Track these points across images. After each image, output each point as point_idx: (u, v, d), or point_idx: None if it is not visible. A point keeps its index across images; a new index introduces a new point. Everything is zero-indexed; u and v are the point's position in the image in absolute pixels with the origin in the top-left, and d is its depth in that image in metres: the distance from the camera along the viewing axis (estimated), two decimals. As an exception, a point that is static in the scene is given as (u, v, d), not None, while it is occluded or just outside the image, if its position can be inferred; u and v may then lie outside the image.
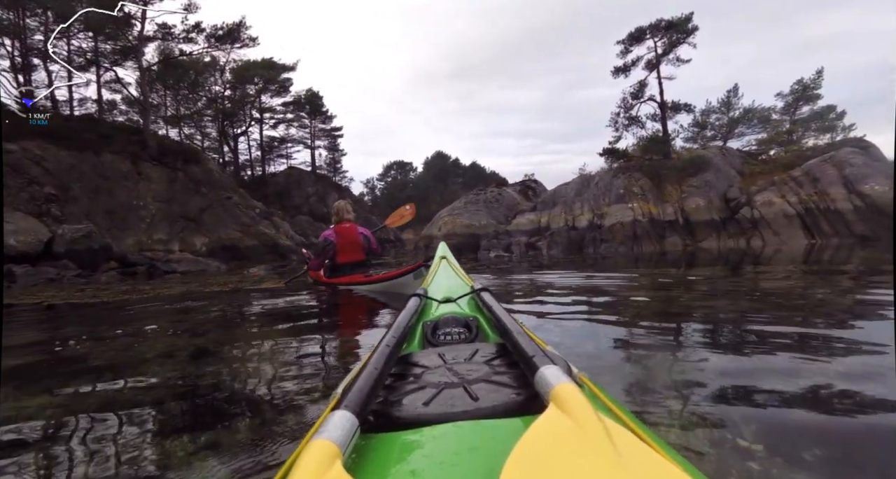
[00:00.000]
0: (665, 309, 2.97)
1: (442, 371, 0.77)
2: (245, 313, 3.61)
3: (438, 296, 1.41)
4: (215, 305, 4.16)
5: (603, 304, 3.30)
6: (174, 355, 2.12)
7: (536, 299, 3.62)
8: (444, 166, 62.07)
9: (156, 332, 2.80)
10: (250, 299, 4.49)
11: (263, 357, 2.05)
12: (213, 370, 1.81)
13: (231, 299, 4.52)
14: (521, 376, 0.69)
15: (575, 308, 3.03)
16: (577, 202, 17.34)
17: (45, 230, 12.29)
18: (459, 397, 0.64)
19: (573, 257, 12.11)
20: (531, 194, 22.14)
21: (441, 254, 2.28)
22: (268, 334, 2.61)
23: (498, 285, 4.76)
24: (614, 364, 1.66)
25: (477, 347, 0.90)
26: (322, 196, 30.82)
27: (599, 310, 2.95)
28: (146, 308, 4.12)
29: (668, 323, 2.47)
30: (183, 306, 4.15)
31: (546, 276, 5.94)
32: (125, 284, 8.07)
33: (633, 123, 18.41)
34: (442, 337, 1.09)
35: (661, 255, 11.90)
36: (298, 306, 3.75)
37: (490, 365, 0.78)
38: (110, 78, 21.70)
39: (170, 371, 1.82)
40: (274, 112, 32.72)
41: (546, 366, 0.58)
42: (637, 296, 3.71)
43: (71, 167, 14.25)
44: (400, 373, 0.80)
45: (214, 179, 17.85)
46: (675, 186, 15.55)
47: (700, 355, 1.72)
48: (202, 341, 2.44)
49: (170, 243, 15.25)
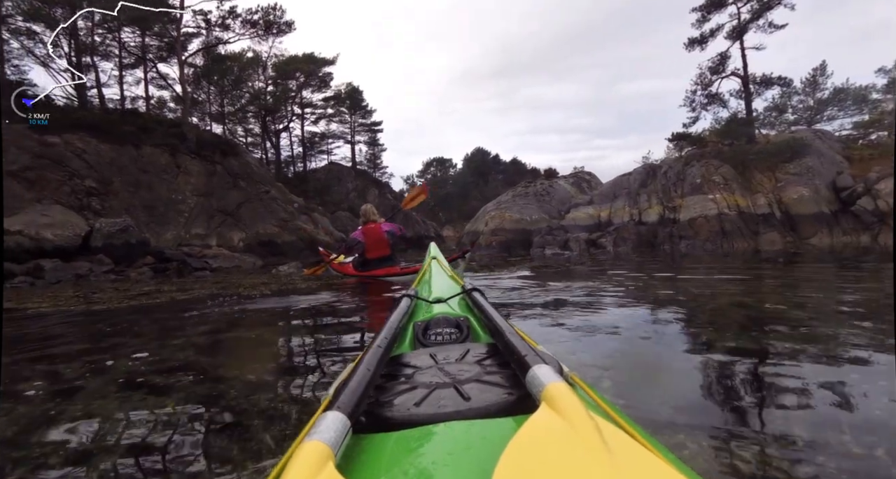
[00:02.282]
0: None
1: (433, 371, 0.75)
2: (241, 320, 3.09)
3: (429, 296, 1.40)
4: (213, 317, 3.28)
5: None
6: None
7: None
8: (484, 162, 60.73)
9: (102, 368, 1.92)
10: (260, 304, 3.98)
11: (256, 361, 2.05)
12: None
13: (239, 305, 3.83)
14: (512, 376, 0.68)
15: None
16: (643, 194, 15.43)
17: (83, 224, 11.87)
18: (451, 397, 0.63)
19: (646, 255, 10.41)
20: (585, 187, 20.29)
21: (432, 255, 2.27)
22: (261, 340, 2.55)
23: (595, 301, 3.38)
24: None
25: (468, 347, 0.88)
26: (362, 192, 30.14)
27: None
28: (138, 322, 3.34)
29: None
30: (179, 323, 3.22)
31: (650, 281, 4.49)
32: (151, 283, 7.46)
33: (712, 102, 16.12)
34: (433, 337, 1.07)
35: (754, 253, 9.99)
36: (308, 309, 3.52)
37: (481, 365, 0.76)
38: (155, 74, 21.69)
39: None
40: (315, 107, 32.34)
41: (537, 365, 0.57)
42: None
43: (111, 161, 13.89)
44: (391, 374, 0.78)
45: (253, 172, 17.24)
46: (768, 175, 13.35)
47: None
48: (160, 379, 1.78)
49: (207, 238, 14.67)
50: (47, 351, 2.37)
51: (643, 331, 2.21)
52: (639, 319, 2.57)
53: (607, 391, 1.39)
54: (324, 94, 31.92)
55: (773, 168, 13.43)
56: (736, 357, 1.68)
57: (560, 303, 3.18)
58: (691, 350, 1.87)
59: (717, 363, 1.64)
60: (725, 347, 1.84)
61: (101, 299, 4.75)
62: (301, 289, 5.08)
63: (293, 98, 30.83)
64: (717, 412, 1.24)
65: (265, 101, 28.99)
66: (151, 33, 20.07)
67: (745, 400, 1.31)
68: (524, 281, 4.91)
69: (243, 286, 5.46)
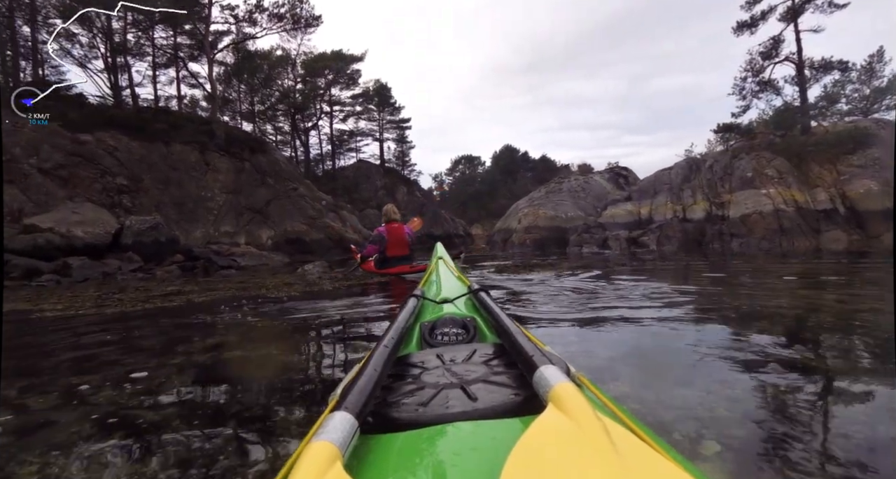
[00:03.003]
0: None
1: (440, 372, 0.74)
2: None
3: (436, 297, 1.37)
4: (225, 326, 2.86)
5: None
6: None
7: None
8: (512, 160, 59.89)
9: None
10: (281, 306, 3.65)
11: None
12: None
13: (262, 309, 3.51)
14: (519, 377, 0.68)
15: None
16: (687, 190, 14.46)
17: (114, 222, 11.90)
18: (458, 397, 0.63)
19: (696, 254, 9.58)
20: (622, 182, 19.35)
21: (438, 255, 2.19)
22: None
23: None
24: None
25: (475, 347, 0.87)
26: (391, 190, 29.91)
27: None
28: (144, 330, 2.94)
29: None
30: (187, 333, 2.81)
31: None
32: (176, 282, 7.33)
33: (764, 89, 14.91)
34: (440, 338, 1.05)
35: (815, 252, 9.04)
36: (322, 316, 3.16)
37: (488, 365, 0.76)
38: (187, 73, 21.92)
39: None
40: (343, 105, 32.31)
41: (544, 366, 0.57)
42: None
43: (142, 158, 13.95)
44: (398, 374, 0.77)
45: (281, 169, 17.12)
46: (828, 167, 12.20)
47: None
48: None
49: (236, 236, 14.59)
50: (28, 367, 1.98)
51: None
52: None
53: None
54: (352, 91, 31.91)
55: (834, 160, 12.25)
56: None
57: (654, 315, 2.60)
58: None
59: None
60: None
61: (117, 302, 4.45)
62: (327, 292, 4.66)
63: (322, 96, 30.87)
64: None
65: (294, 99, 29.11)
66: (182, 32, 20.29)
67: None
68: (588, 282, 4.34)
69: (265, 288, 5.08)
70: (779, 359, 1.66)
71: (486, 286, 1.31)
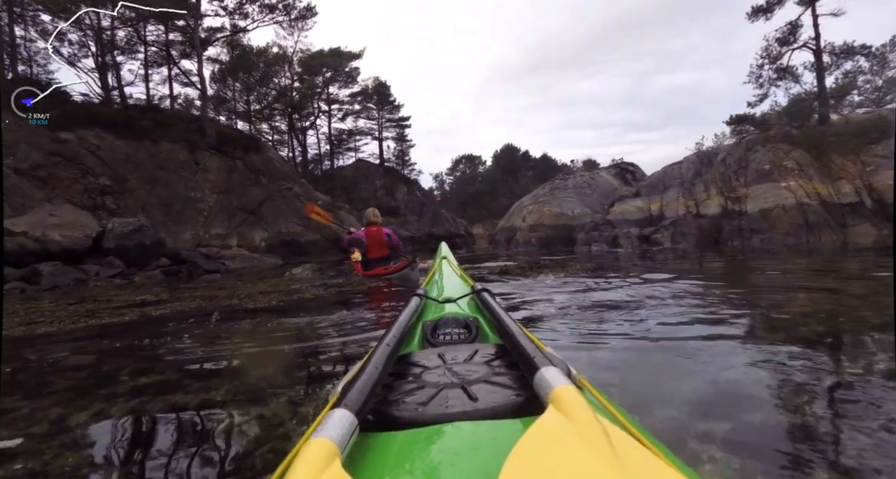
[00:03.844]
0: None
1: (441, 371, 0.74)
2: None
3: (439, 296, 1.36)
4: (173, 354, 2.25)
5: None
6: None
7: None
8: (513, 159, 59.32)
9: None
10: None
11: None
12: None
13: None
14: (520, 378, 0.67)
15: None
16: (699, 184, 13.77)
17: (94, 224, 11.25)
18: (458, 397, 0.62)
19: (714, 252, 8.90)
20: (630, 178, 18.66)
21: (442, 254, 2.21)
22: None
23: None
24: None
25: (476, 347, 0.86)
26: (390, 189, 29.23)
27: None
28: (64, 363, 2.26)
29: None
30: (119, 365, 2.18)
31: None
32: (154, 288, 6.66)
33: (783, 77, 14.19)
34: (441, 337, 1.04)
35: (842, 247, 8.35)
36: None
37: (489, 366, 0.75)
38: (179, 71, 21.27)
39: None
40: (341, 103, 31.64)
41: (546, 368, 0.56)
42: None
43: (127, 157, 13.31)
44: (399, 373, 0.76)
45: (275, 168, 16.47)
46: (851, 158, 11.48)
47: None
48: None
49: (228, 238, 13.94)
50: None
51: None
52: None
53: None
54: (351, 89, 31.20)
55: (857, 151, 11.54)
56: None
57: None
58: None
59: None
60: None
61: (59, 317, 3.77)
62: (308, 300, 4.01)
63: (319, 94, 30.19)
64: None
65: (291, 97, 28.43)
66: (174, 28, 19.66)
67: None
68: (609, 287, 3.67)
69: (238, 296, 4.41)
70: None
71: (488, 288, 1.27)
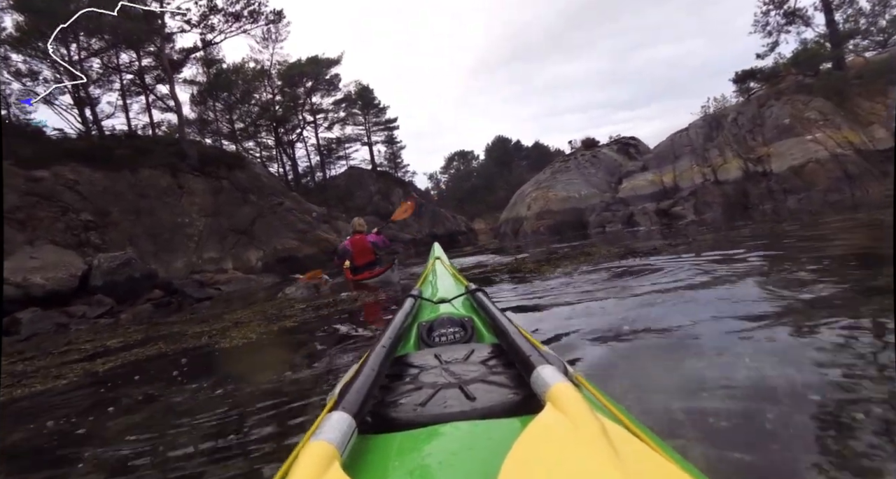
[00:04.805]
0: None
1: (438, 372, 0.73)
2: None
3: (433, 297, 1.37)
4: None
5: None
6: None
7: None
8: (506, 150, 58.73)
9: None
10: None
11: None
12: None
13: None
14: (517, 377, 0.66)
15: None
16: (712, 149, 12.90)
17: (79, 263, 10.54)
18: (456, 397, 0.62)
19: (745, 219, 8.07)
20: (634, 152, 17.78)
21: (435, 255, 2.21)
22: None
23: None
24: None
25: (473, 347, 0.85)
26: (386, 193, 28.47)
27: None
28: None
29: None
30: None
31: None
32: (137, 327, 5.90)
33: (792, 21, 13.26)
34: (437, 338, 1.03)
35: (886, 198, 7.50)
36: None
37: (486, 365, 0.74)
38: (156, 97, 20.61)
39: None
40: (326, 112, 30.95)
41: (542, 366, 0.56)
42: None
43: (105, 189, 12.60)
44: (396, 374, 0.76)
45: (263, 184, 15.74)
46: (879, 100, 10.59)
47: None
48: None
49: (222, 262, 13.22)
50: None
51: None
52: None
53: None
54: (334, 97, 30.53)
55: (883, 92, 10.67)
56: None
57: None
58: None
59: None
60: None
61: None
62: (289, 332, 3.24)
63: (303, 105, 29.50)
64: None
65: (274, 112, 27.75)
66: (146, 53, 19.02)
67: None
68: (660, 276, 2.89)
69: (210, 335, 3.63)
70: None
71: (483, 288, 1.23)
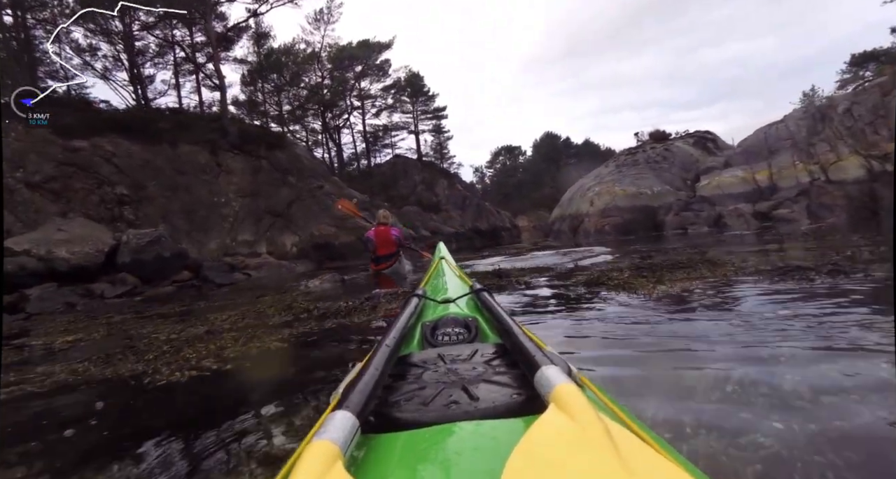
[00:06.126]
0: None
1: (442, 371, 0.73)
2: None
3: (437, 296, 1.36)
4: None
5: None
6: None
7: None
8: (554, 147, 56.45)
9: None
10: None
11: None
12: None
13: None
14: (520, 377, 0.66)
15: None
16: (820, 144, 10.82)
17: (108, 238, 9.99)
18: (459, 397, 0.62)
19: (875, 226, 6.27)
20: (712, 147, 15.70)
21: (440, 254, 2.23)
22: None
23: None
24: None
25: (476, 347, 0.85)
26: (430, 184, 27.36)
27: None
28: None
29: None
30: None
31: None
32: (146, 314, 4.81)
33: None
34: (441, 338, 1.02)
35: None
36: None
37: (490, 365, 0.74)
38: (205, 74, 20.40)
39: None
40: (374, 98, 30.17)
41: (546, 366, 0.56)
42: None
43: (145, 163, 12.12)
44: (400, 373, 0.75)
45: (303, 165, 14.94)
46: None
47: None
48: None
49: (256, 245, 12.50)
50: None
51: None
52: None
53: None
54: (383, 83, 29.69)
55: None
56: None
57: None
58: None
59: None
60: None
61: None
62: (304, 335, 2.12)
63: (351, 90, 28.85)
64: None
65: (323, 95, 27.22)
66: (200, 28, 18.82)
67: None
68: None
69: (194, 351, 2.50)
70: None
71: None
